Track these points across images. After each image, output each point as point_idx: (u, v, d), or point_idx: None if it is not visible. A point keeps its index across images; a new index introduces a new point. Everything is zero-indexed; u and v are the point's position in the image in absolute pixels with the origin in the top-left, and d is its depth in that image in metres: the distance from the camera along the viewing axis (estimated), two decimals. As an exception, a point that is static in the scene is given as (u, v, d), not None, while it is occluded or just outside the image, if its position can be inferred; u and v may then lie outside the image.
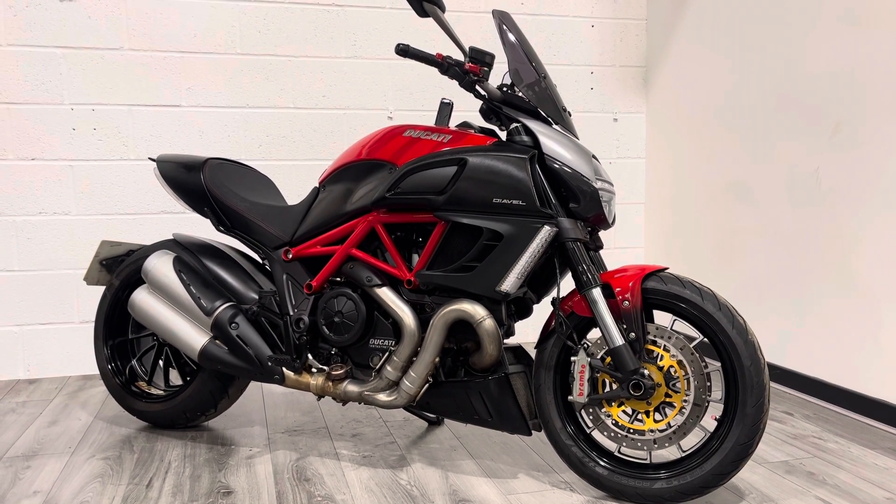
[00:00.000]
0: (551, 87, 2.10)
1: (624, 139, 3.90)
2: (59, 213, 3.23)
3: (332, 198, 2.26)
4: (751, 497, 1.98)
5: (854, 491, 2.02)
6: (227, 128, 3.38)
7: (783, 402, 2.80)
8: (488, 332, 1.99)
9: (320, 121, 3.48)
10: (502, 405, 2.04)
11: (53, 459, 2.29)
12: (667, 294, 1.92)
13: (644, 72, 3.87)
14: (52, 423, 2.63)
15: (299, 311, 2.24)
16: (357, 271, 2.17)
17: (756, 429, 1.83)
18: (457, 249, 2.05)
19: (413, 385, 2.08)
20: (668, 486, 1.90)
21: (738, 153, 3.22)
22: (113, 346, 2.59)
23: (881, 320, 2.53)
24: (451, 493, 2.03)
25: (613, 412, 1.95)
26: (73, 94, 3.20)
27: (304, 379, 2.22)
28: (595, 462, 1.98)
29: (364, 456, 2.30)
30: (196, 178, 2.44)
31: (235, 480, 2.12)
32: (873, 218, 2.55)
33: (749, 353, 1.85)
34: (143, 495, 2.03)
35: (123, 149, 3.27)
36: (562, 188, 1.99)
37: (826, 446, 2.35)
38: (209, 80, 3.34)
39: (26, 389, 3.08)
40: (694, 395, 1.88)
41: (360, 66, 3.50)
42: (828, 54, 2.72)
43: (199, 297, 2.30)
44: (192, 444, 2.41)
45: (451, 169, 2.02)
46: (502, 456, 2.28)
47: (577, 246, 1.96)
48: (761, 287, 3.10)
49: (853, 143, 2.62)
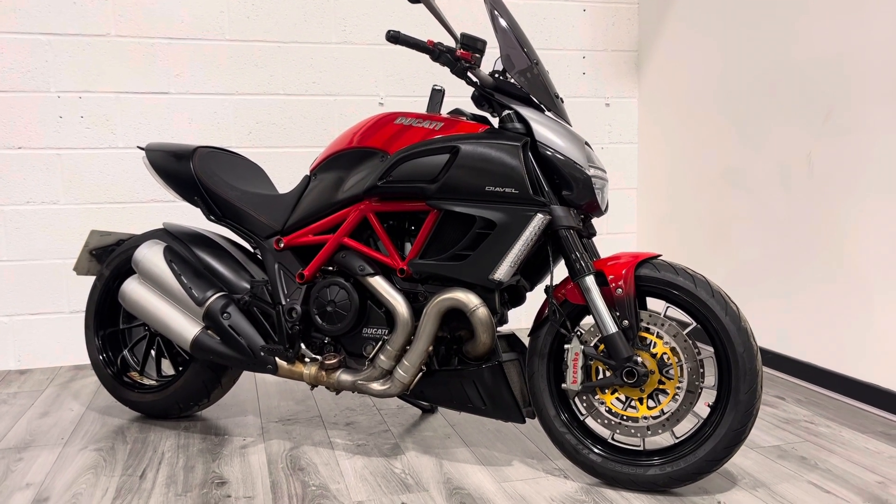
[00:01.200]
0: (543, 74, 2.08)
1: (616, 124, 3.89)
2: (48, 202, 3.20)
3: (323, 186, 2.24)
4: (743, 482, 2.00)
5: (845, 475, 2.03)
6: (217, 115, 3.35)
7: (775, 386, 2.82)
8: (482, 321, 1.98)
9: (311, 107, 3.45)
10: (496, 393, 2.04)
11: (46, 451, 2.28)
12: (660, 281, 1.92)
13: (636, 56, 3.85)
14: (44, 415, 2.62)
15: (291, 300, 2.23)
16: (349, 260, 2.16)
17: (749, 415, 1.84)
18: (449, 238, 2.04)
19: (407, 374, 2.07)
20: (662, 472, 1.91)
21: (730, 138, 3.21)
22: (104, 336, 2.57)
23: (872, 305, 2.54)
24: (445, 481, 2.03)
25: (607, 399, 1.95)
26: (60, 82, 3.16)
27: (298, 368, 2.21)
28: (589, 449, 1.99)
29: (358, 445, 2.30)
30: (186, 167, 2.42)
31: (229, 470, 2.12)
32: (865, 203, 2.55)
33: (742, 340, 1.85)
34: (137, 486, 2.02)
35: (112, 137, 3.24)
36: (554, 175, 1.98)
37: (818, 430, 2.36)
38: (198, 66, 3.30)
39: (17, 380, 3.06)
40: (687, 382, 1.88)
41: (350, 52, 3.47)
42: (819, 40, 2.71)
43: (191, 287, 2.29)
44: (185, 434, 2.41)
45: (443, 157, 2.00)
46: (496, 443, 2.29)
47: (570, 234, 1.95)
48: (754, 272, 3.10)
49: (845, 129, 2.62)
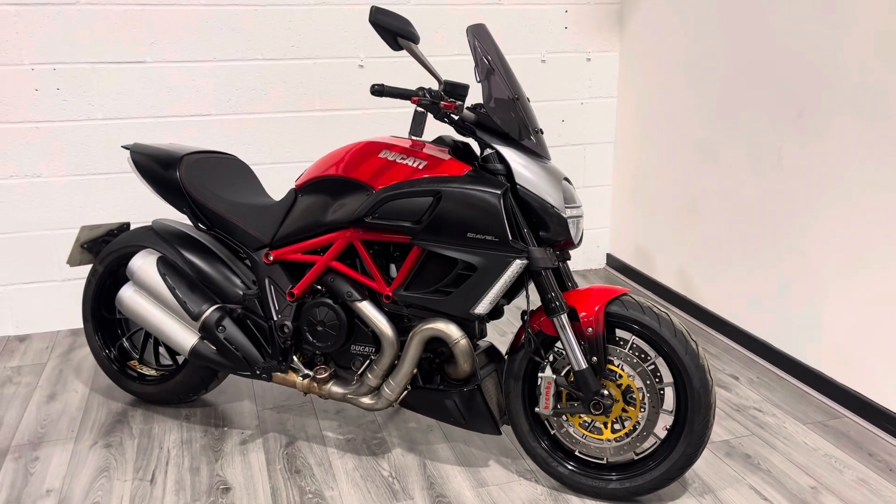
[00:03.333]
0: (525, 107, 2.13)
1: (596, 78, 3.89)
2: (30, 175, 3.21)
3: (309, 207, 2.32)
4: (693, 487, 2.25)
5: (783, 477, 2.29)
6: (195, 83, 3.31)
7: (732, 362, 3.05)
8: (463, 352, 2.14)
9: (290, 71, 3.42)
10: (474, 411, 2.23)
11: (59, 449, 2.47)
12: (628, 318, 2.08)
13: (619, 9, 3.80)
14: (51, 398, 2.79)
15: (283, 316, 2.36)
16: (337, 284, 2.28)
17: (701, 442, 2.06)
18: (432, 274, 2.15)
19: (393, 392, 2.25)
20: (622, 486, 2.15)
21: (703, 113, 3.27)
22: (104, 332, 2.70)
23: (825, 298, 2.72)
24: (428, 486, 2.26)
25: (575, 422, 2.16)
26: (33, 54, 3.10)
27: (291, 378, 2.38)
28: (558, 462, 2.22)
29: (348, 440, 2.51)
30: (173, 177, 2.47)
31: (232, 473, 2.33)
32: (827, 204, 2.68)
33: (699, 377, 2.04)
34: (149, 493, 2.24)
35: (90, 108, 3.22)
36: (532, 216, 2.08)
37: (764, 420, 2.61)
38: (173, 33, 3.23)
39: (18, 349, 3.21)
40: (648, 412, 2.08)
41: (329, 14, 3.39)
42: (798, 38, 2.72)
43: (186, 301, 2.40)
44: (187, 424, 2.60)
45: (426, 199, 2.08)
46: (474, 439, 2.51)
47: (547, 274, 2.08)
48: (720, 244, 3.26)
49: (814, 132, 2.70)
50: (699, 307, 3.43)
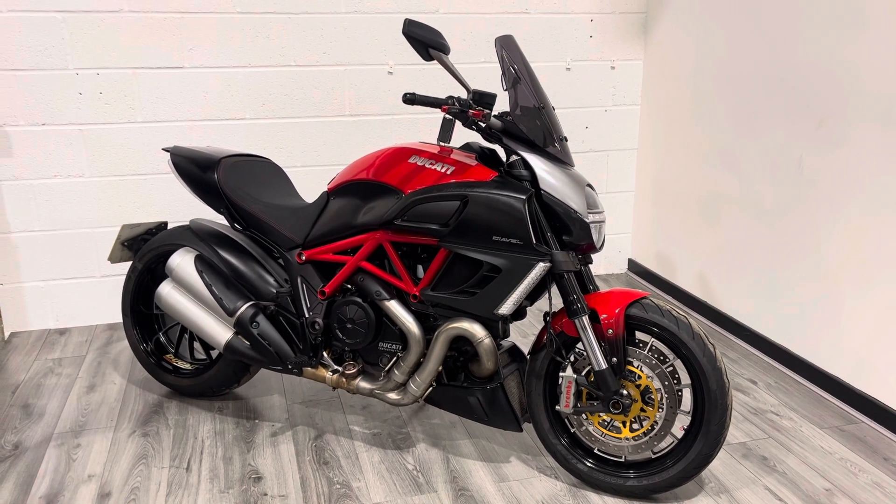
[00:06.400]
0: (550, 115, 2.21)
1: (621, 86, 3.96)
2: (73, 175, 3.35)
3: (341, 209, 2.41)
4: (709, 487, 2.31)
5: (798, 479, 2.34)
6: (231, 88, 3.43)
7: (750, 367, 3.10)
8: (487, 351, 2.23)
9: (321, 78, 3.53)
10: (496, 408, 2.31)
11: (99, 436, 2.59)
12: (647, 321, 2.15)
13: (644, 18, 3.87)
14: (91, 389, 2.92)
15: (314, 314, 2.46)
16: (367, 284, 2.37)
17: (717, 442, 2.12)
18: (458, 274, 2.24)
19: (418, 388, 2.34)
20: (639, 484, 2.22)
21: (725, 121, 3.33)
22: (142, 326, 2.82)
23: (843, 306, 2.77)
24: (451, 479, 2.35)
25: (595, 420, 2.23)
26: (77, 59, 3.23)
27: (321, 373, 2.48)
28: (577, 459, 2.29)
29: (374, 434, 2.60)
30: (211, 179, 2.58)
31: (263, 463, 2.43)
32: (848, 217, 2.73)
33: (716, 379, 2.10)
34: (185, 480, 2.34)
35: (130, 112, 3.35)
36: (556, 221, 2.16)
37: (781, 424, 2.67)
38: (210, 40, 3.35)
39: (59, 342, 3.34)
40: (666, 412, 2.15)
41: (359, 22, 3.50)
42: (819, 49, 2.77)
43: (222, 297, 2.51)
44: (219, 416, 2.71)
45: (453, 203, 2.17)
46: (496, 435, 2.59)
47: (569, 277, 2.16)
48: (739, 250, 3.31)
49: (836, 142, 2.75)
50: (719, 312, 3.48)
